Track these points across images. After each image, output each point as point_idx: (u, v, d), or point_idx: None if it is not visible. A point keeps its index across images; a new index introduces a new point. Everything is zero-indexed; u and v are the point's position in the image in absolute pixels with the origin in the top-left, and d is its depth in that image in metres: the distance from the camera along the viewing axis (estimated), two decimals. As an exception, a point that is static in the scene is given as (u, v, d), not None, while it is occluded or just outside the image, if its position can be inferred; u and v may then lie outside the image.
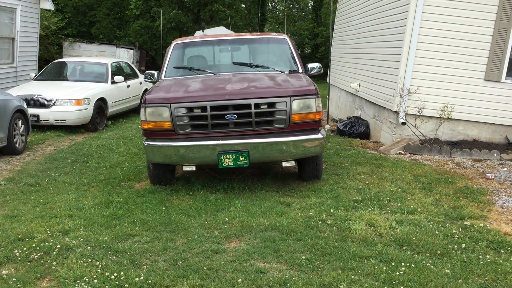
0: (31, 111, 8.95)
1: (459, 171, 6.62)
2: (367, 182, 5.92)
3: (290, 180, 6.04)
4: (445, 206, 5.08)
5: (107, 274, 3.53)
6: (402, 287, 3.34)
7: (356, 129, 9.33)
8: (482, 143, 7.92)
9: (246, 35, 7.16)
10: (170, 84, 5.71)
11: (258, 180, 6.00)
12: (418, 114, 7.89)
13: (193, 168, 5.40)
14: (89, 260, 3.76)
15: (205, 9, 24.21)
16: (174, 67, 6.45)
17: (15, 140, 7.67)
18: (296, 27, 31.65)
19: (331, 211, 4.84)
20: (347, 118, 10.21)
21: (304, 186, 5.78)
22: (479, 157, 7.33)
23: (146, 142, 5.31)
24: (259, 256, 3.84)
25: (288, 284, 3.39)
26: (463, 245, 4.02)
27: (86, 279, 3.45)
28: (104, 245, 4.04)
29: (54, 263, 3.74)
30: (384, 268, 3.59)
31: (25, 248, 3.97)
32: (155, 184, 5.83)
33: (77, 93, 9.83)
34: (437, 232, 4.30)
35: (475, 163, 7.03)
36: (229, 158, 5.14)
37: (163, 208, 5.04)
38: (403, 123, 8.02)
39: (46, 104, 9.50)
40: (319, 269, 3.62)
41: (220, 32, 16.70)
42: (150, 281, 3.42)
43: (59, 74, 11.46)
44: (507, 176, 6.28)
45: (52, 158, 7.60)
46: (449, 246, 4.02)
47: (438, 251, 3.90)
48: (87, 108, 9.80)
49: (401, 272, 3.53)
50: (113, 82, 11.18)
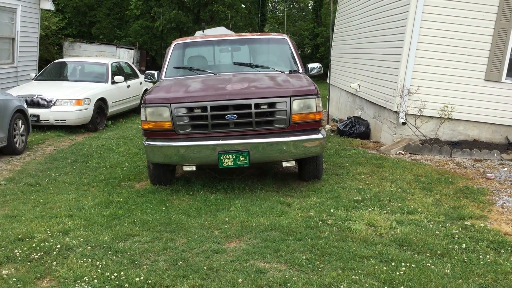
0: (31, 111, 8.95)
1: (459, 171, 6.62)
2: (367, 182, 5.92)
3: (290, 180, 6.04)
4: (445, 206, 5.08)
5: (107, 274, 3.53)
6: (402, 287, 3.34)
7: (356, 129, 9.33)
8: (482, 143, 7.92)
9: (246, 35, 7.16)
10: (170, 84, 5.71)
11: (258, 180, 6.00)
12: (418, 114, 7.89)
13: (193, 168, 5.40)
14: (89, 260, 3.76)
15: (205, 9, 24.22)
16: (174, 67, 6.46)
17: (15, 140, 7.67)
18: (296, 27, 31.66)
19: (332, 211, 4.83)
20: (347, 118, 10.21)
21: (304, 186, 5.78)
22: (479, 157, 7.33)
23: (146, 142, 5.31)
24: (259, 256, 3.84)
25: (288, 284, 3.38)
26: (464, 245, 4.02)
27: (86, 279, 3.45)
28: (104, 245, 4.04)
29: (54, 263, 3.74)
30: (385, 268, 3.59)
31: (25, 248, 3.96)
32: (155, 184, 5.83)
33: (77, 93, 9.83)
34: (437, 232, 4.30)
35: (476, 163, 7.03)
36: (229, 158, 5.14)
37: (163, 208, 5.04)
38: (404, 123, 8.02)
39: (46, 104, 9.50)
40: (319, 269, 3.61)
41: (220, 32, 16.69)
42: (150, 281, 3.42)
43: (59, 74, 11.46)
44: (507, 176, 6.28)
45: (52, 158, 7.60)
46: (450, 246, 4.02)
47: (439, 251, 3.90)
48: (87, 108, 9.81)
49: (402, 272, 3.52)
50: (113, 82, 11.18)
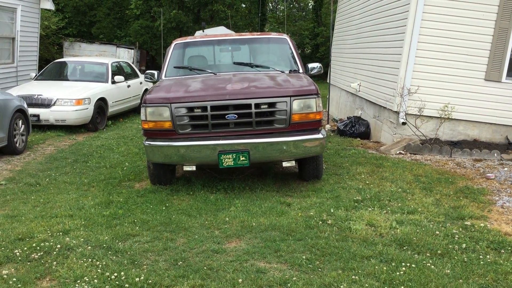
0: (31, 111, 8.95)
1: (459, 171, 6.61)
2: (367, 182, 5.92)
3: (290, 180, 6.04)
4: (445, 206, 5.08)
5: (107, 274, 3.53)
6: (402, 287, 3.34)
7: (356, 129, 9.33)
8: (482, 143, 7.92)
9: (247, 35, 7.16)
10: (170, 84, 5.71)
11: (258, 180, 6.00)
12: (418, 114, 7.88)
13: (194, 168, 5.40)
14: (90, 260, 3.76)
15: (205, 9, 24.21)
16: (175, 67, 6.45)
17: (15, 140, 7.67)
18: (297, 27, 31.66)
19: (332, 211, 4.83)
20: (348, 118, 10.21)
21: (304, 186, 5.78)
22: (479, 157, 7.33)
23: (147, 142, 5.31)
24: (259, 256, 3.84)
25: (289, 284, 3.38)
26: (464, 245, 4.02)
27: (87, 279, 3.45)
28: (104, 245, 4.04)
29: (55, 263, 3.74)
30: (385, 268, 3.59)
31: (25, 248, 3.97)
32: (156, 184, 5.83)
33: (78, 93, 9.83)
34: (437, 232, 4.30)
35: (476, 163, 7.02)
36: (229, 158, 5.14)
37: (164, 208, 5.04)
38: (404, 123, 8.02)
39: (46, 104, 9.50)
40: (320, 269, 3.62)
41: (220, 32, 16.69)
42: (150, 281, 3.42)
43: (59, 74, 11.46)
44: (507, 176, 6.28)
45: (52, 158, 7.60)
46: (450, 246, 4.02)
47: (439, 251, 3.90)
48: (87, 108, 9.81)
49: (402, 272, 3.52)
50: (113, 82, 11.18)
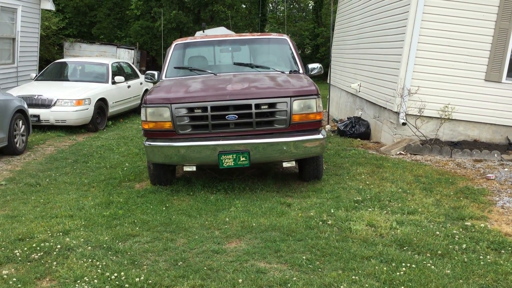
0: (31, 111, 8.95)
1: (459, 171, 6.61)
2: (367, 182, 5.92)
3: (290, 180, 6.04)
4: (445, 206, 5.08)
5: (107, 274, 3.53)
6: (402, 287, 3.34)
7: (356, 130, 9.33)
8: (482, 143, 7.92)
9: (247, 36, 7.16)
10: (170, 85, 5.71)
11: (258, 180, 6.00)
12: (418, 114, 7.88)
13: (194, 168, 5.40)
14: (90, 260, 3.76)
15: (205, 10, 24.22)
16: (175, 68, 6.46)
17: (15, 140, 7.67)
18: (297, 28, 31.67)
19: (332, 211, 4.83)
20: (348, 118, 10.21)
21: (304, 186, 5.78)
22: (479, 158, 7.33)
23: (147, 142, 5.32)
24: (259, 257, 3.84)
25: (289, 284, 3.38)
26: (464, 246, 4.02)
27: (87, 279, 3.45)
28: (104, 245, 4.04)
29: (55, 263, 3.74)
30: (385, 268, 3.59)
31: (25, 248, 3.96)
32: (156, 184, 5.83)
33: (78, 93, 9.84)
34: (437, 233, 4.30)
35: (476, 164, 7.02)
36: (229, 159, 5.14)
37: (164, 208, 5.03)
38: (404, 124, 8.02)
39: (46, 104, 9.51)
40: (320, 270, 3.61)
41: (220, 32, 16.68)
42: (150, 281, 3.42)
43: (59, 74, 11.46)
44: (507, 177, 6.27)
45: (52, 158, 7.60)
46: (450, 246, 4.02)
47: (439, 252, 3.90)
48: (87, 108, 9.81)
49: (402, 273, 3.52)
50: (113, 83, 11.18)
